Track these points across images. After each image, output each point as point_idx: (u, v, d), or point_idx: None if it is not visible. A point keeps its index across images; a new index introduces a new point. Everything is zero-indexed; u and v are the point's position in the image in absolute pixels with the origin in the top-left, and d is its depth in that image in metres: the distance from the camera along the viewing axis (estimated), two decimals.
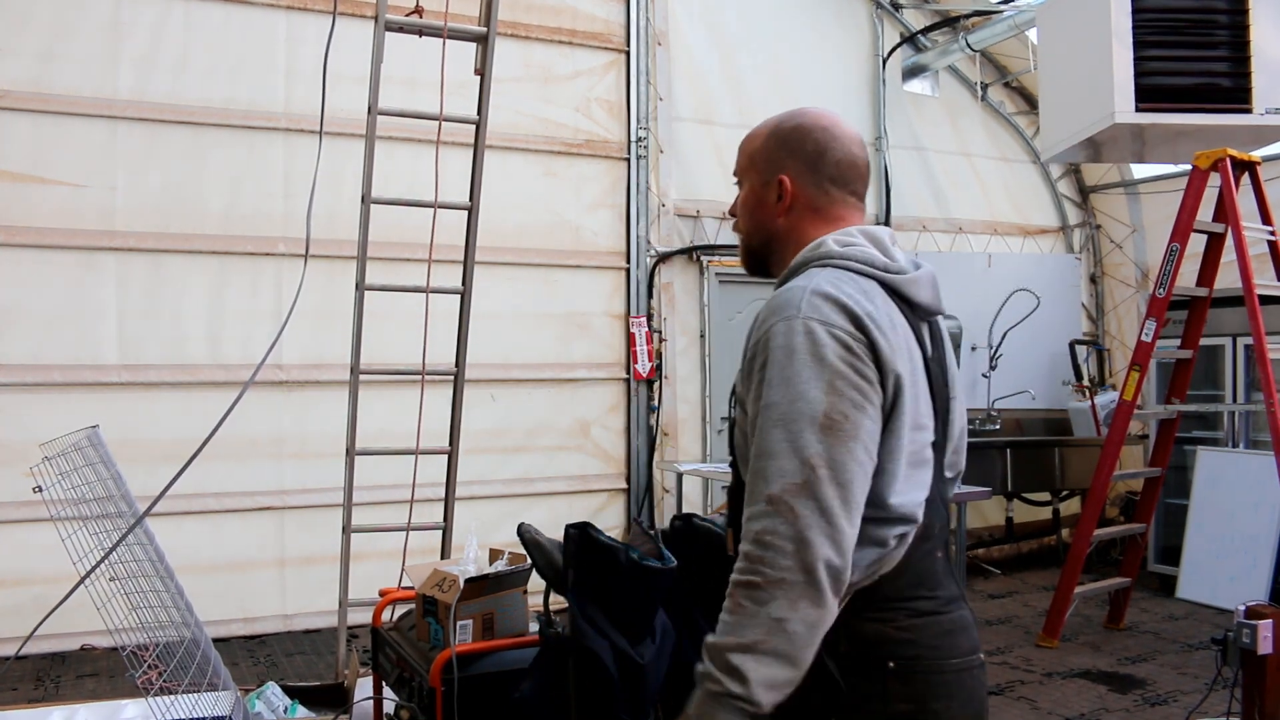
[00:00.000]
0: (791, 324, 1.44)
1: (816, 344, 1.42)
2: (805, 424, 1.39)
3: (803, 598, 1.34)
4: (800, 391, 1.40)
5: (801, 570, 1.34)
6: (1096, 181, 8.63)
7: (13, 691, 4.62)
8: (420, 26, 3.99)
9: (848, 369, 1.42)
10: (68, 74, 5.39)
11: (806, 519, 1.35)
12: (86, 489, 2.66)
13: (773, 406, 1.42)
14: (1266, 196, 5.40)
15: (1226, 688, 3.62)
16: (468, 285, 4.32)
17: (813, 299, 1.46)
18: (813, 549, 1.35)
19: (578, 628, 2.58)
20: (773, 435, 1.40)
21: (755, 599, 1.35)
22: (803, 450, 1.38)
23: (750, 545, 1.38)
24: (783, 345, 1.43)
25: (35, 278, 5.35)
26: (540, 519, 3.11)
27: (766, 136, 1.68)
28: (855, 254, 1.55)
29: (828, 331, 1.43)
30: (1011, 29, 7.18)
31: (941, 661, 1.50)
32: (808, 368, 1.41)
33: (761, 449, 1.41)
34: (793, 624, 1.34)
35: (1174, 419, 5.81)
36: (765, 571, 1.35)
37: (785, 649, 1.34)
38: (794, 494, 1.37)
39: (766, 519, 1.37)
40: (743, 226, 1.72)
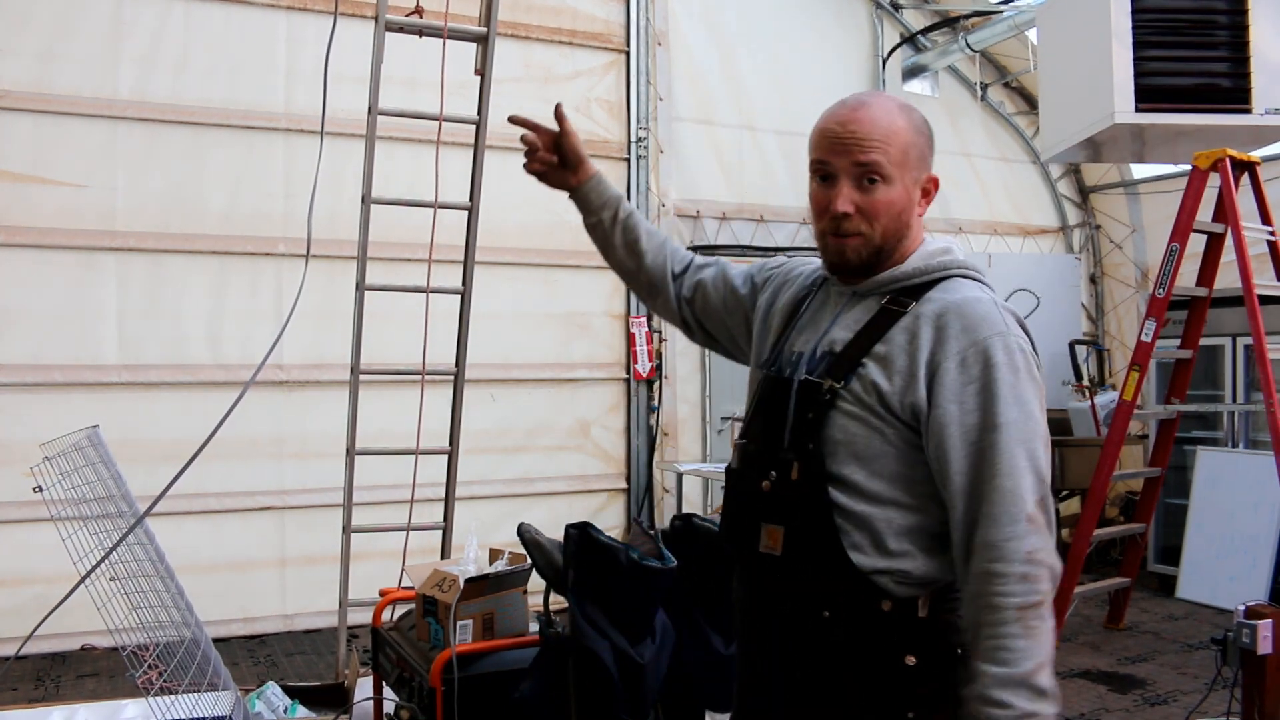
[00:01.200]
0: (1008, 341, 1.49)
1: (1030, 365, 1.50)
2: (1039, 444, 1.47)
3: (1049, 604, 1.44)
4: (1030, 411, 1.47)
5: (1055, 579, 1.45)
6: (1096, 181, 8.63)
7: (13, 691, 4.62)
8: (420, 27, 3.99)
9: (1042, 387, 1.52)
10: (68, 74, 5.39)
11: (1050, 535, 1.45)
12: (87, 489, 2.66)
13: (1012, 425, 1.45)
14: (1266, 196, 5.40)
15: (1226, 688, 3.62)
16: (468, 285, 4.32)
17: (1009, 317, 1.52)
18: (1056, 560, 1.46)
19: (578, 628, 2.59)
20: (1017, 454, 1.45)
21: (1042, 616, 1.43)
22: (1040, 469, 1.46)
23: (1024, 566, 1.42)
24: (1007, 363, 1.47)
25: (36, 278, 5.36)
26: (540, 519, 3.11)
27: (914, 131, 1.57)
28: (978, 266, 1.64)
29: (1031, 352, 1.52)
30: (1011, 29, 7.18)
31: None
32: (1030, 388, 1.48)
33: (1009, 468, 1.44)
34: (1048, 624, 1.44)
35: (1174, 419, 5.81)
36: (1041, 589, 1.43)
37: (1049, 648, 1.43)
38: (1041, 510, 1.45)
39: (1032, 538, 1.43)
40: (880, 226, 1.56)
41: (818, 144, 1.58)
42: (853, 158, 1.53)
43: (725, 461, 6.54)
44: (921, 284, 1.57)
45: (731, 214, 7.17)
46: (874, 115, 1.55)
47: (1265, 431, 5.37)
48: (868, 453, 1.51)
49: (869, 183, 1.54)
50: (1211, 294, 5.58)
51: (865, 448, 1.51)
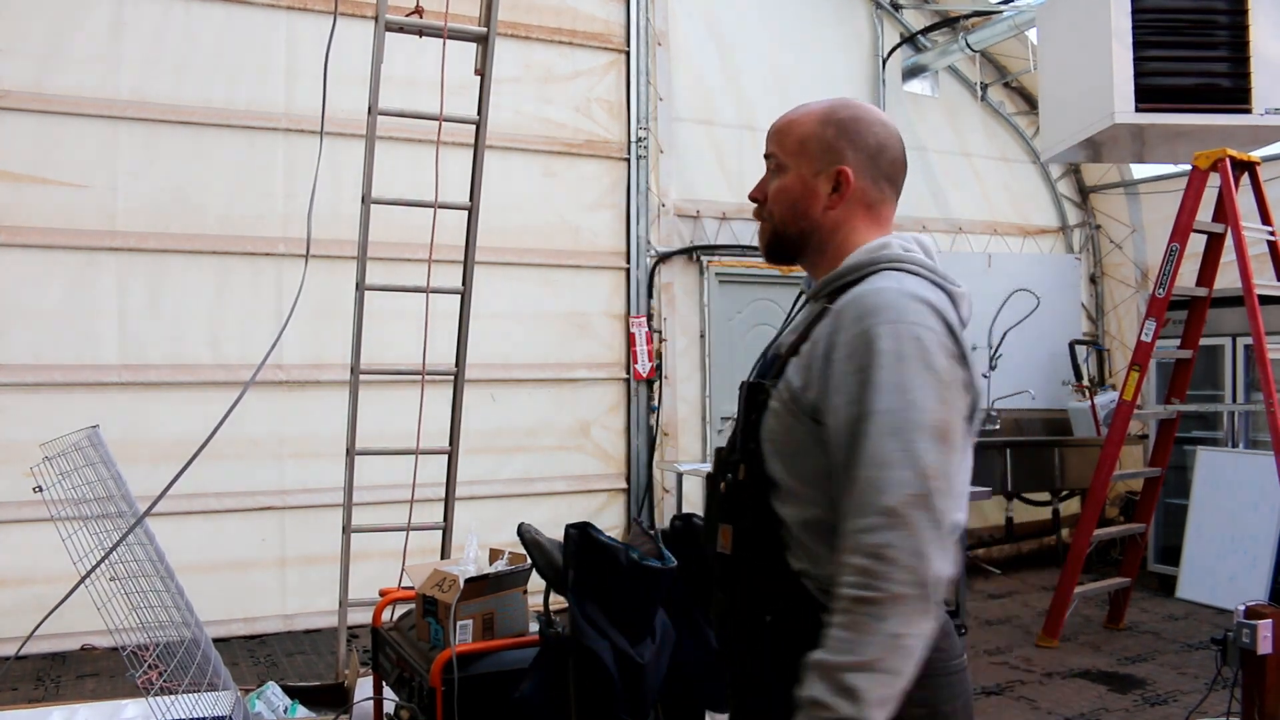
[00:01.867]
0: (898, 328, 1.39)
1: (926, 351, 1.39)
2: (920, 433, 1.35)
3: (918, 612, 1.32)
4: (913, 400, 1.36)
5: (918, 585, 1.32)
6: (1096, 181, 8.63)
7: (13, 691, 4.62)
8: (420, 26, 3.99)
9: (952, 379, 1.40)
10: (69, 74, 5.39)
11: (924, 533, 1.32)
12: (87, 489, 2.66)
13: (883, 414, 1.36)
14: (1266, 196, 5.40)
15: (1226, 688, 3.62)
16: (468, 285, 4.32)
17: (913, 304, 1.42)
18: (930, 563, 1.32)
19: (578, 628, 2.59)
20: (885, 444, 1.35)
21: (875, 615, 1.31)
22: (918, 461, 1.34)
23: (866, 559, 1.33)
24: (891, 350, 1.38)
25: (36, 278, 5.36)
26: (540, 519, 3.11)
27: (822, 122, 1.61)
28: (922, 261, 1.53)
29: (934, 339, 1.40)
30: (1011, 29, 7.18)
31: (946, 663, 1.49)
32: (919, 375, 1.38)
33: (873, 458, 1.36)
34: (909, 639, 1.32)
35: (1174, 419, 5.81)
36: (884, 586, 1.31)
37: (901, 666, 1.32)
38: (912, 506, 1.33)
39: (884, 532, 1.32)
40: (776, 213, 1.63)
41: None
42: (765, 149, 1.69)
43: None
44: (853, 280, 1.53)
45: (731, 214, 7.16)
46: (791, 113, 1.67)
47: (1265, 431, 5.38)
48: (787, 450, 1.51)
49: (771, 173, 1.66)
50: (1211, 294, 5.59)
51: (785, 445, 1.51)
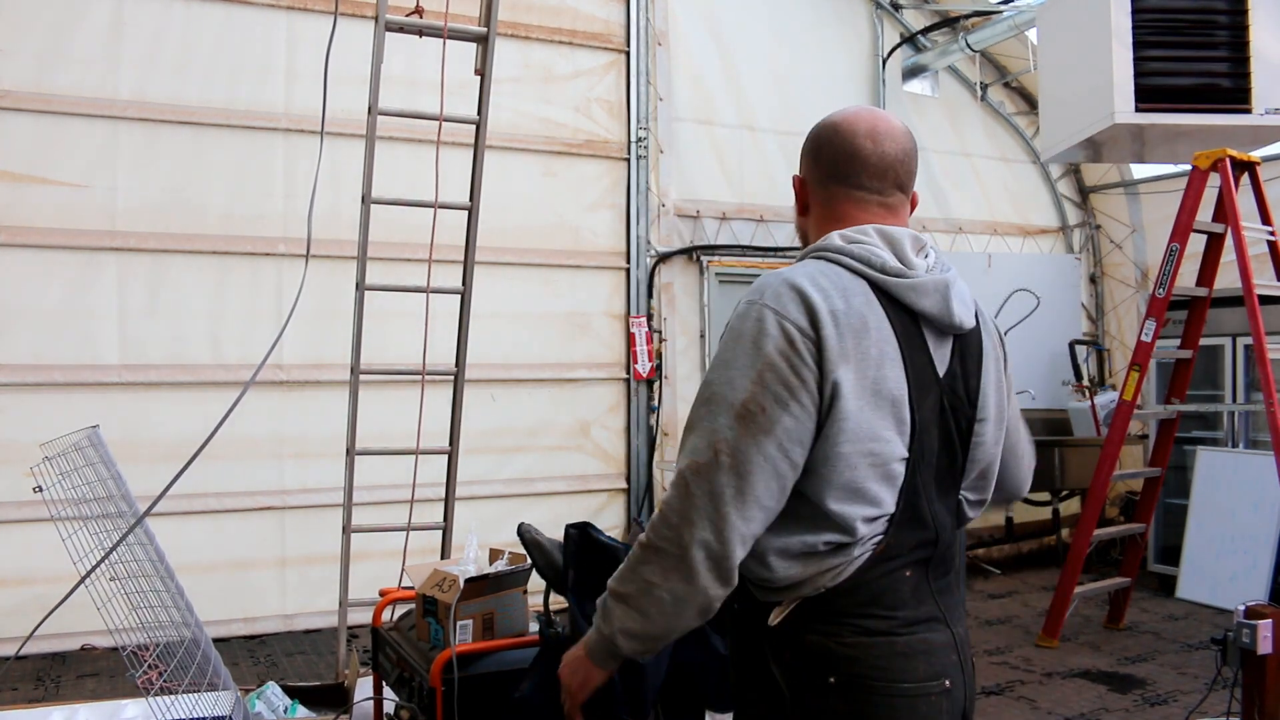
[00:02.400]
0: (750, 309, 1.45)
1: (761, 333, 1.42)
2: (723, 408, 1.41)
3: (674, 570, 1.41)
4: (729, 376, 1.42)
5: (677, 545, 1.40)
6: (1096, 181, 8.63)
7: (13, 691, 4.62)
8: (420, 26, 4.00)
9: (782, 363, 1.40)
10: (68, 74, 5.39)
11: (695, 500, 1.39)
12: (87, 489, 2.66)
13: (705, 385, 1.46)
14: (1266, 196, 5.40)
15: (1226, 688, 3.62)
16: (468, 285, 4.32)
17: (780, 287, 1.45)
18: (693, 529, 1.39)
19: (578, 628, 2.58)
20: (697, 413, 1.45)
21: (638, 558, 1.45)
22: (714, 433, 1.40)
23: (655, 515, 1.45)
24: (734, 327, 1.46)
25: (36, 278, 5.36)
26: (540, 519, 3.11)
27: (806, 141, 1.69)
28: (854, 251, 1.50)
29: (778, 322, 1.41)
30: (1011, 29, 7.18)
31: (890, 684, 1.44)
32: (745, 355, 1.42)
33: (688, 422, 1.46)
34: (659, 591, 1.42)
35: (1174, 419, 5.81)
36: (650, 538, 1.43)
37: (647, 609, 1.44)
38: (693, 472, 1.40)
39: (671, 490, 1.44)
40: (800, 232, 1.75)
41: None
42: None
43: None
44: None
45: (731, 214, 7.17)
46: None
47: (1265, 431, 5.38)
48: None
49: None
50: (1211, 294, 5.58)
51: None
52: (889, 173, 1.57)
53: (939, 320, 1.51)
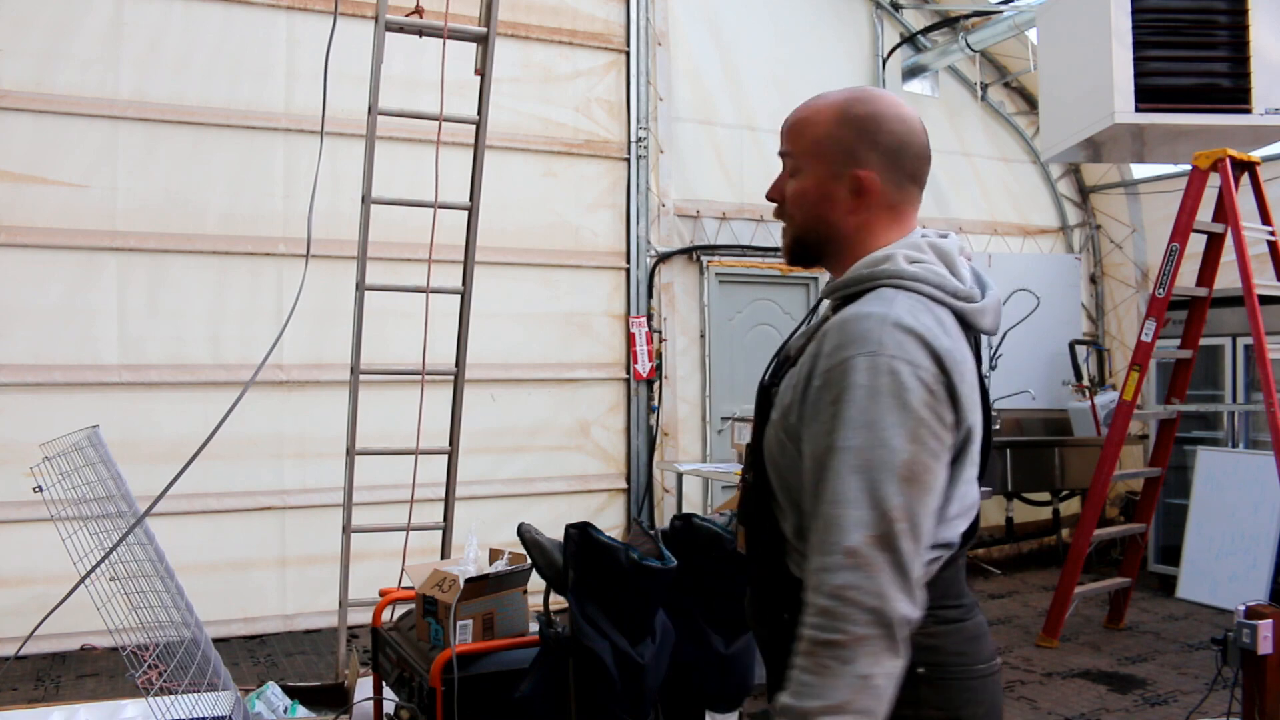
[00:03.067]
0: (875, 361, 1.34)
1: (901, 387, 1.33)
2: (886, 474, 1.32)
3: (885, 652, 1.30)
4: (882, 439, 1.32)
5: (882, 625, 1.30)
6: (1096, 181, 8.63)
7: (13, 691, 4.62)
8: (420, 26, 4.00)
9: (930, 416, 1.35)
10: (68, 74, 5.39)
11: (886, 574, 1.30)
12: (86, 489, 2.66)
13: (850, 451, 1.33)
14: (1266, 196, 5.40)
15: (1227, 688, 3.62)
16: (468, 285, 4.32)
17: (895, 333, 1.36)
18: (892, 604, 1.30)
19: (578, 628, 2.58)
20: (850, 482, 1.32)
21: (840, 658, 1.29)
22: (883, 502, 1.31)
23: (828, 600, 1.31)
24: (865, 384, 1.33)
25: (36, 278, 5.36)
26: (540, 519, 3.11)
27: (837, 121, 1.52)
28: (927, 275, 1.46)
29: (913, 373, 1.34)
30: (1011, 29, 7.18)
31: (968, 667, 1.48)
32: (892, 413, 1.33)
33: (836, 495, 1.33)
34: (877, 679, 1.30)
35: (1174, 419, 5.81)
36: (848, 629, 1.29)
37: (871, 705, 1.30)
38: (873, 546, 1.30)
39: (846, 573, 1.30)
40: (796, 218, 1.57)
41: None
42: (781, 147, 1.59)
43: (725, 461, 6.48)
44: (855, 294, 1.49)
45: (731, 214, 7.17)
46: (805, 108, 1.57)
47: (1265, 431, 5.38)
48: (780, 461, 1.49)
49: (789, 173, 1.57)
50: (1211, 294, 5.58)
51: (779, 459, 1.50)
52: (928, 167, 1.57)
53: (988, 335, 1.54)
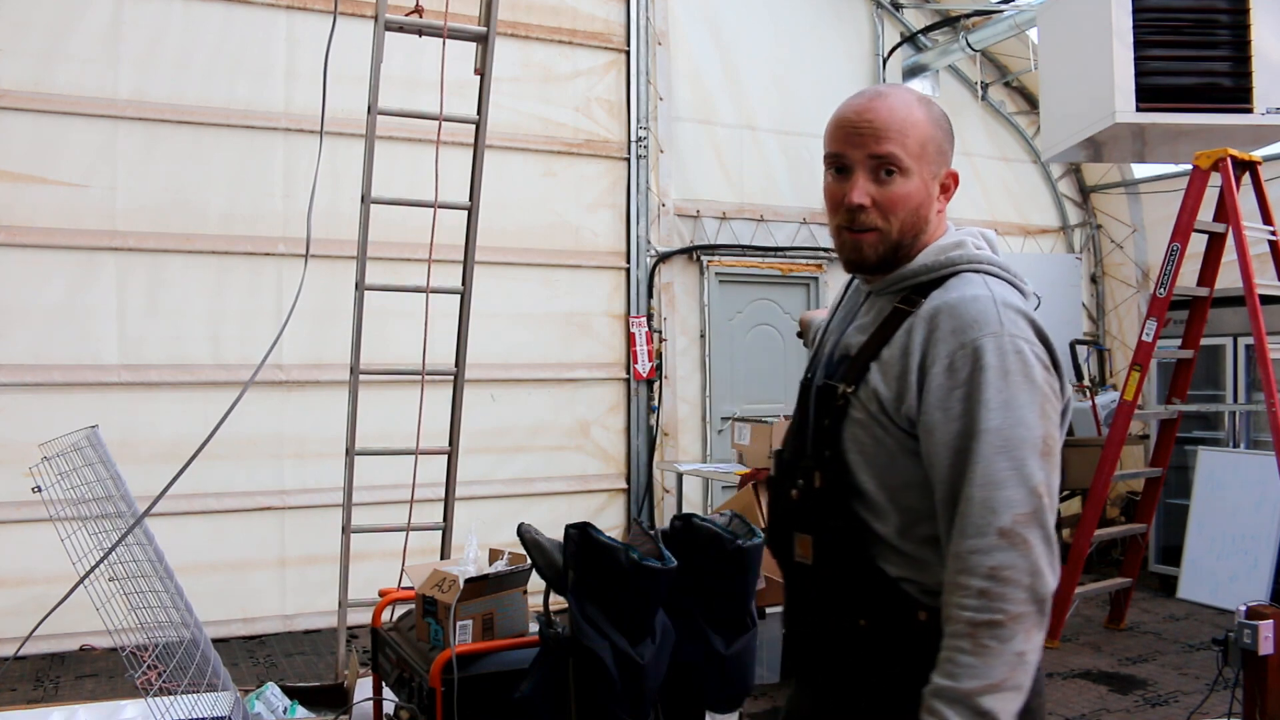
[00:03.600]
0: (1000, 342, 1.38)
1: (1027, 365, 1.38)
2: (1028, 451, 1.36)
3: (1036, 627, 1.34)
4: (1021, 417, 1.36)
5: (1036, 602, 1.34)
6: (1097, 181, 8.62)
7: (12, 692, 4.61)
8: (420, 26, 3.99)
9: (1050, 392, 1.41)
10: (68, 74, 5.38)
11: (1038, 550, 1.34)
12: (86, 489, 2.66)
13: (993, 432, 1.36)
14: (1267, 196, 5.39)
15: (1227, 688, 3.61)
16: (468, 285, 4.31)
17: (1009, 313, 1.41)
18: (1045, 580, 1.34)
19: (578, 628, 2.58)
20: (997, 463, 1.35)
21: (999, 637, 1.32)
22: (1030, 479, 1.35)
23: (984, 581, 1.33)
24: (996, 365, 1.37)
25: (36, 278, 5.35)
26: (540, 519, 3.10)
27: (933, 124, 1.52)
28: (998, 261, 1.52)
29: (1032, 352, 1.40)
30: (1012, 29, 7.18)
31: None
32: (1024, 391, 1.37)
33: (985, 477, 1.35)
34: (1030, 655, 1.34)
35: (1175, 419, 5.80)
36: (1007, 608, 1.32)
37: (1025, 680, 1.33)
38: (1025, 525, 1.34)
39: (1001, 552, 1.33)
40: (898, 220, 1.51)
41: (833, 135, 1.53)
42: (868, 149, 1.49)
43: (725, 461, 6.47)
44: (929, 281, 1.49)
45: (731, 214, 7.16)
46: (892, 105, 1.50)
47: (1266, 431, 5.37)
48: (877, 460, 1.47)
49: (886, 175, 1.49)
50: (1212, 294, 5.58)
51: (874, 455, 1.48)
52: None
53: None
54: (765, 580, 4.65)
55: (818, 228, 7.48)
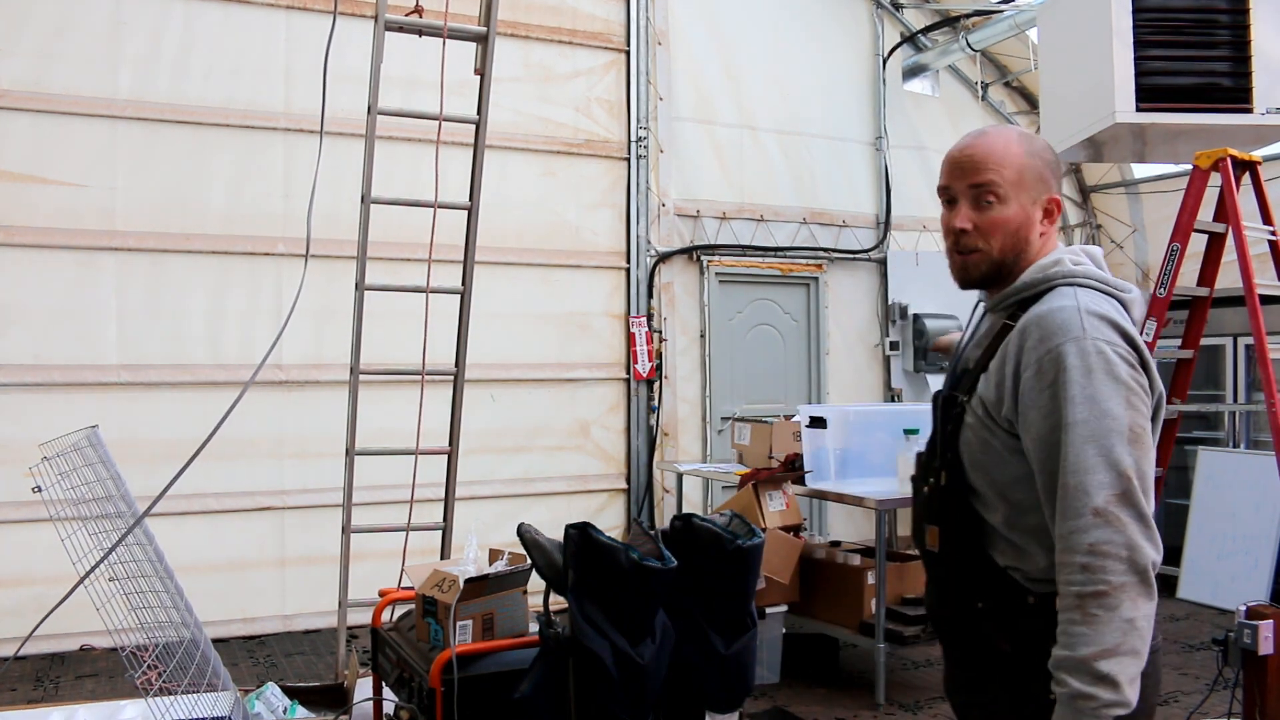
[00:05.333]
0: (1082, 344, 1.54)
1: (1109, 363, 1.53)
2: (1116, 438, 1.51)
3: (1141, 595, 1.48)
4: (1106, 409, 1.51)
5: (1136, 572, 1.47)
6: (1097, 181, 8.63)
7: (12, 692, 4.61)
8: (420, 26, 3.99)
9: (1137, 386, 1.55)
10: (68, 74, 5.39)
11: (1131, 526, 1.49)
12: (86, 489, 2.66)
13: (1079, 424, 1.52)
14: (1267, 196, 5.38)
15: (1227, 688, 3.61)
16: (468, 285, 4.31)
17: (1091, 319, 1.56)
18: (1142, 552, 1.48)
19: (578, 628, 2.58)
20: (1085, 451, 1.51)
21: (1105, 605, 1.47)
22: (1118, 463, 1.50)
23: (1085, 557, 1.48)
24: (1079, 365, 1.53)
25: (35, 278, 5.35)
26: (540, 519, 3.11)
27: (1031, 155, 1.70)
28: (1093, 273, 1.66)
29: (1115, 351, 1.54)
30: (1012, 29, 7.18)
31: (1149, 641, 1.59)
32: (1107, 385, 1.52)
33: (1076, 465, 1.51)
34: (1140, 621, 1.47)
35: (1175, 419, 5.79)
36: (1109, 579, 1.47)
37: (1138, 645, 1.47)
38: (1117, 504, 1.49)
39: (1097, 530, 1.48)
40: (998, 243, 1.70)
41: (942, 171, 1.76)
42: (969, 180, 1.70)
43: (725, 461, 6.47)
44: (1030, 297, 1.67)
45: (731, 214, 7.16)
46: (990, 140, 1.72)
47: (1266, 431, 5.37)
48: (985, 460, 1.66)
49: (985, 203, 1.70)
50: (1212, 294, 5.57)
51: (983, 455, 1.66)
52: None
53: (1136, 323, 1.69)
54: (765, 580, 4.66)
55: (818, 228, 7.48)
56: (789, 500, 4.99)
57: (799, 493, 5.07)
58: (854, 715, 4.46)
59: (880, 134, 7.71)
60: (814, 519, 7.24)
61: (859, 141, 7.72)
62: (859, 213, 7.68)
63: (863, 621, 4.69)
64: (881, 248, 7.70)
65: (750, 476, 5.00)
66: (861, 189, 7.71)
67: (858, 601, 4.72)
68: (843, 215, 7.60)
